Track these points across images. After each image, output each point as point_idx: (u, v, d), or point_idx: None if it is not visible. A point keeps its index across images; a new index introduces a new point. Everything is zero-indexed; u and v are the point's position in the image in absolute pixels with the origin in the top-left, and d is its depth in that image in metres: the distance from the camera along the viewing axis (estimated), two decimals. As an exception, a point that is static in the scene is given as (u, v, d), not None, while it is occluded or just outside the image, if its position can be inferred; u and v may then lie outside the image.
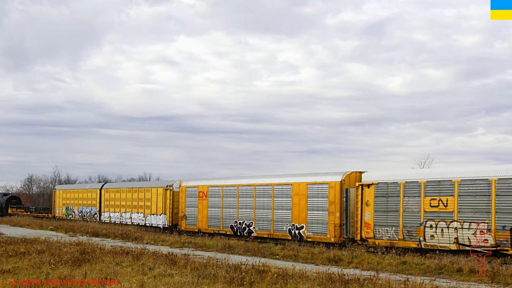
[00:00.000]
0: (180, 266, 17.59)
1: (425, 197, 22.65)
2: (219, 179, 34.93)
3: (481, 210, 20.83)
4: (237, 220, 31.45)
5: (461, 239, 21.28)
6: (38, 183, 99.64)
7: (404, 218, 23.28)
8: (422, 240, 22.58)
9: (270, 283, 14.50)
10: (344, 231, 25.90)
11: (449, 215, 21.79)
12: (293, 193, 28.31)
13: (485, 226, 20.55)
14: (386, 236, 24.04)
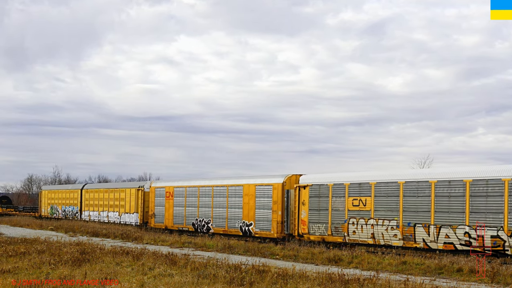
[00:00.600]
0: (180, 266, 17.59)
1: (348, 198, 25.49)
2: (183, 180, 37.65)
3: (392, 209, 23.77)
4: (198, 218, 34.20)
5: (376, 234, 24.20)
6: (38, 183, 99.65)
7: (332, 216, 26.17)
8: (346, 235, 25.45)
9: (270, 283, 14.50)
10: (285, 227, 28.77)
11: (367, 213, 24.67)
12: (244, 193, 31.04)
13: (394, 223, 23.52)
14: (318, 232, 26.78)
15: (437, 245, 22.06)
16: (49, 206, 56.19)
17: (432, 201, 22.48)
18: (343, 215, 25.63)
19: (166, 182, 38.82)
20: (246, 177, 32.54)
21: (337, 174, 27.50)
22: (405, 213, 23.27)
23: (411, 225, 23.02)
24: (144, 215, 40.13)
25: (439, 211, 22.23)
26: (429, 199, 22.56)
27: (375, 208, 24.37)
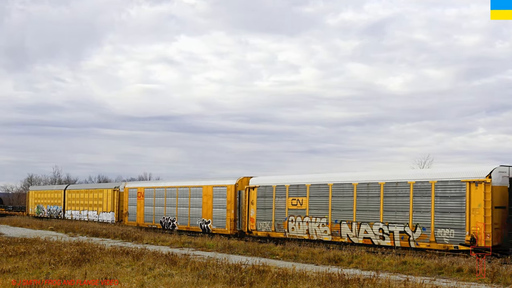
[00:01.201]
0: (180, 266, 17.59)
1: (288, 198, 28.37)
2: (153, 182, 41.35)
3: (323, 208, 26.64)
4: (165, 216, 37.14)
5: (310, 230, 27.11)
6: (38, 183, 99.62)
7: (276, 214, 29.04)
8: (287, 232, 28.25)
9: (270, 283, 14.50)
10: (238, 224, 31.52)
11: (303, 212, 27.56)
12: (203, 194, 33.94)
13: (325, 220, 26.40)
14: (264, 228, 29.61)
15: (358, 240, 24.99)
16: (36, 205, 58.81)
17: (354, 201, 25.33)
18: (284, 213, 28.57)
19: (137, 183, 42.87)
20: (205, 179, 35.89)
21: (280, 177, 30.44)
22: (333, 211, 26.23)
23: (338, 222, 25.96)
24: (119, 213, 42.97)
25: (360, 210, 25.05)
26: (352, 200, 25.42)
27: (309, 207, 27.29)
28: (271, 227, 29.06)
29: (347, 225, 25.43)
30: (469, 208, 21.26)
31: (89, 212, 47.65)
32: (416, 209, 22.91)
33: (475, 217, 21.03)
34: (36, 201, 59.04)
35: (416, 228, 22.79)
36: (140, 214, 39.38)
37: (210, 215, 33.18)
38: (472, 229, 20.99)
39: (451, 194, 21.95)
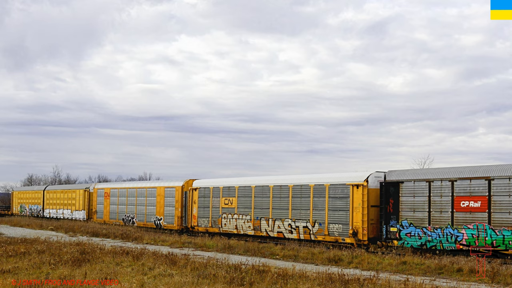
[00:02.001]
0: (180, 266, 17.59)
1: (222, 198, 32.78)
2: (118, 183, 47.59)
3: (248, 206, 30.92)
4: (126, 214, 41.94)
5: (238, 226, 31.40)
6: (38, 183, 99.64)
7: (212, 212, 33.45)
8: (221, 227, 32.66)
9: (270, 283, 14.50)
10: (184, 221, 36.28)
11: (233, 210, 31.92)
12: (157, 194, 38.72)
13: (249, 217, 30.65)
14: (203, 224, 34.13)
15: (273, 234, 29.26)
16: (19, 205, 62.88)
17: (270, 201, 29.72)
18: (219, 211, 32.98)
19: (104, 185, 47.62)
20: (159, 181, 41.14)
21: (217, 180, 35.03)
22: (255, 210, 30.56)
23: (258, 218, 30.26)
24: (89, 212, 47.84)
25: (275, 209, 29.45)
26: (269, 200, 29.79)
27: (238, 206, 31.61)
28: (209, 223, 33.65)
29: (265, 221, 29.90)
30: (352, 207, 25.40)
31: (64, 211, 51.97)
32: (315, 207, 27.20)
33: (356, 214, 25.21)
34: (19, 201, 62.95)
35: (315, 224, 27.18)
36: (106, 212, 44.26)
37: (162, 213, 37.91)
38: (354, 224, 25.24)
39: (339, 195, 26.15)
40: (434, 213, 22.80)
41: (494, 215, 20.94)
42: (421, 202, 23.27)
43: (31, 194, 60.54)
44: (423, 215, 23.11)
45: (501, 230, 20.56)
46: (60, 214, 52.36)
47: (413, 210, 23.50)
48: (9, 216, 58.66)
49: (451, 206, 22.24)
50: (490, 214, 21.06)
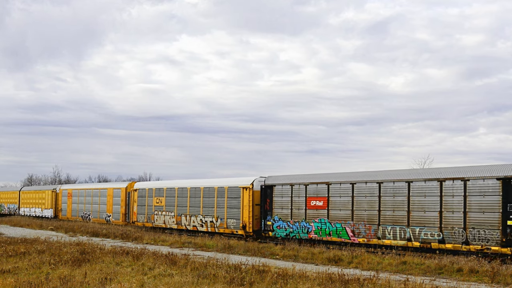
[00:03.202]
0: (180, 266, 17.59)
1: (154, 197, 38.73)
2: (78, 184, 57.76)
3: (173, 205, 36.94)
4: (84, 211, 48.77)
5: (166, 221, 37.17)
6: (38, 183, 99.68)
7: (147, 209, 39.31)
8: (154, 222, 38.44)
9: (270, 283, 14.50)
10: (127, 217, 42.37)
11: (162, 207, 37.96)
12: (107, 194, 45.14)
13: (173, 213, 36.63)
14: (141, 220, 39.85)
15: (190, 227, 35.09)
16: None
17: (188, 200, 35.43)
18: (152, 209, 38.83)
19: (67, 186, 55.42)
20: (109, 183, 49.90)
21: (150, 182, 42.77)
22: (178, 207, 36.35)
23: (180, 215, 36.11)
24: (56, 210, 54.31)
25: (191, 206, 35.13)
26: (187, 199, 35.50)
27: (165, 205, 37.50)
28: (145, 219, 39.53)
29: (184, 217, 35.70)
30: (242, 205, 31.12)
31: (36, 209, 57.79)
32: (218, 206, 32.92)
33: (245, 211, 30.90)
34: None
35: (218, 219, 32.84)
36: (69, 210, 51.24)
37: (111, 210, 44.22)
38: (243, 219, 30.98)
39: (234, 196, 31.87)
40: (294, 210, 28.59)
41: (331, 212, 26.82)
42: (286, 201, 29.02)
43: (9, 194, 66.63)
44: (287, 212, 28.93)
45: (335, 223, 26.45)
46: (32, 212, 58.24)
47: (281, 207, 29.27)
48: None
49: (305, 204, 28.02)
50: (329, 211, 26.87)
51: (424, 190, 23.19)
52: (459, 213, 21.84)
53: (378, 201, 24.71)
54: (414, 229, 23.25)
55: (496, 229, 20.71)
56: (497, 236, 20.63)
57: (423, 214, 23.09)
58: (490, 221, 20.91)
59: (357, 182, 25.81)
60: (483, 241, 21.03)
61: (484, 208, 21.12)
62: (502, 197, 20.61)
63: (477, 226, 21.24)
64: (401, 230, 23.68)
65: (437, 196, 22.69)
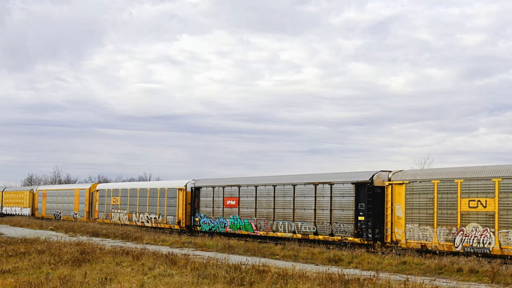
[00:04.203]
0: (180, 266, 17.58)
1: (112, 197, 44.08)
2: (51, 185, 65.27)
3: (126, 204, 42.24)
4: (56, 210, 54.34)
5: (120, 218, 42.49)
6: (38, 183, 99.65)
7: (106, 208, 44.73)
8: (111, 219, 43.49)
9: (270, 283, 14.50)
10: (90, 215, 47.79)
11: (117, 206, 43.31)
12: (75, 194, 51.16)
13: (126, 211, 41.86)
14: (101, 217, 45.03)
15: (138, 223, 40.42)
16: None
17: (137, 200, 41.19)
18: (110, 207, 44.17)
19: (42, 187, 61.74)
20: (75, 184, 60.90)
21: (109, 184, 49.19)
22: (130, 206, 41.93)
23: (131, 212, 41.47)
24: (33, 208, 59.82)
25: (140, 205, 40.79)
26: (136, 199, 41.29)
27: (120, 203, 42.95)
28: (104, 216, 44.71)
29: (135, 214, 41.11)
30: (178, 204, 36.58)
31: (16, 208, 63.45)
32: (160, 204, 38.44)
33: (180, 209, 36.40)
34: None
35: (160, 216, 38.20)
36: (44, 209, 56.92)
37: (78, 209, 50.10)
38: (179, 216, 36.43)
39: (172, 196, 37.30)
40: (215, 208, 33.69)
41: (241, 210, 31.71)
42: (210, 201, 34.31)
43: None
44: (210, 210, 34.20)
45: (244, 219, 31.20)
46: (13, 211, 64.34)
47: (206, 206, 34.57)
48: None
49: (223, 203, 33.11)
50: (239, 209, 31.81)
51: (304, 192, 28.12)
52: (327, 210, 26.84)
53: (273, 201, 29.78)
54: (298, 224, 28.22)
55: (351, 223, 25.57)
56: (351, 228, 25.45)
57: (303, 211, 28.02)
58: (347, 217, 25.81)
59: (258, 185, 30.70)
60: (343, 233, 25.89)
61: (343, 207, 26.07)
62: (355, 198, 25.49)
63: (339, 221, 26.20)
64: (289, 224, 28.75)
65: (312, 197, 27.58)
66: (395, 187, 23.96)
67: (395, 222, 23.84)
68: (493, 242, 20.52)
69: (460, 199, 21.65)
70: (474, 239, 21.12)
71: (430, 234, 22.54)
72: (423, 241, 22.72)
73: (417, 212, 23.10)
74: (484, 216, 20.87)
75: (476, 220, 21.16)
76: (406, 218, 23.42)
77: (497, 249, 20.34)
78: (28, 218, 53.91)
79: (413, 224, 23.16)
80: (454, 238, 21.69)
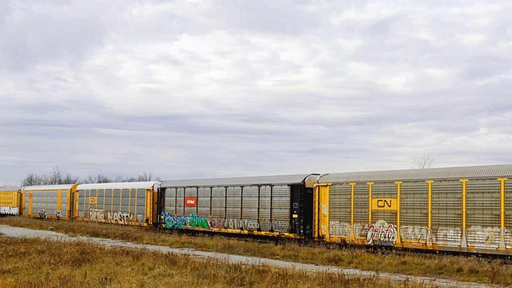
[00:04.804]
0: (180, 266, 17.59)
1: (90, 197, 47.80)
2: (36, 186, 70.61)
3: (102, 203, 45.96)
4: (41, 209, 57.40)
5: (97, 216, 45.93)
6: (38, 183, 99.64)
7: (85, 207, 48.35)
8: (89, 217, 47.03)
9: (270, 283, 14.50)
10: (71, 213, 51.25)
11: (95, 205, 47.02)
12: (57, 195, 54.36)
13: (102, 210, 45.71)
14: (81, 215, 48.62)
15: (113, 221, 43.61)
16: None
17: (112, 199, 44.35)
18: (88, 206, 47.87)
19: (29, 187, 64.90)
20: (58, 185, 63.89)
21: (87, 185, 55.16)
22: (105, 205, 45.40)
23: (107, 211, 45.12)
24: (20, 208, 63.45)
25: (114, 204, 44.12)
26: (111, 198, 44.45)
27: (97, 203, 46.52)
28: (83, 215, 48.24)
29: (109, 213, 44.56)
30: (146, 203, 40.17)
31: (5, 207, 67.04)
32: (131, 204, 41.89)
33: (148, 208, 39.94)
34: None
35: (131, 214, 41.59)
36: (30, 208, 60.15)
37: (60, 208, 53.49)
38: (147, 214, 39.88)
39: (141, 196, 40.71)
40: (177, 207, 36.65)
41: (199, 208, 34.78)
42: (173, 200, 37.20)
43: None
44: (173, 208, 37.08)
45: (201, 217, 34.55)
46: (2, 210, 67.59)
47: (170, 205, 37.47)
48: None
49: (183, 203, 36.06)
50: (197, 208, 34.79)
51: (250, 192, 31.19)
52: (268, 209, 29.89)
53: (225, 201, 32.86)
54: (245, 221, 31.24)
55: (287, 220, 28.63)
56: (287, 225, 28.49)
57: (249, 210, 31.07)
58: (284, 215, 28.88)
59: (213, 186, 33.84)
60: (280, 229, 28.91)
61: (281, 206, 29.11)
62: (290, 198, 28.50)
63: (277, 218, 29.21)
64: (237, 221, 31.74)
65: (256, 197, 30.67)
66: (321, 189, 27.11)
67: (321, 219, 27.07)
68: (395, 237, 23.78)
69: (371, 199, 24.89)
70: (381, 234, 24.28)
71: (348, 229, 25.77)
72: (342, 236, 25.98)
73: (338, 211, 26.34)
74: (389, 214, 24.20)
75: (383, 217, 24.36)
76: (330, 216, 26.68)
77: (399, 243, 23.60)
78: (29, 218, 54.07)
79: (335, 221, 26.45)
80: (366, 233, 24.95)
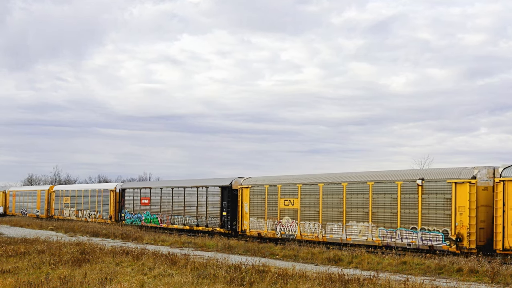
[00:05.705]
0: (180, 266, 17.59)
1: (64, 197, 52.99)
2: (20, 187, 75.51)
3: (75, 203, 51.28)
4: (22, 208, 62.07)
5: (70, 215, 51.95)
6: (38, 183, 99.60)
7: (60, 206, 53.46)
8: (63, 215, 52.09)
9: (270, 283, 14.50)
10: (49, 212, 55.60)
11: (68, 205, 52.27)
12: (37, 195, 59.01)
13: (74, 209, 50.72)
14: (57, 214, 53.49)
15: (83, 218, 48.78)
16: None
17: (82, 199, 49.70)
18: (63, 205, 53.09)
19: (12, 188, 70.09)
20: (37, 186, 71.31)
21: (62, 186, 61.68)
22: (77, 204, 50.70)
23: (78, 209, 50.31)
24: (5, 207, 67.98)
25: (84, 203, 49.35)
26: (81, 198, 49.85)
27: (70, 202, 51.86)
28: (59, 213, 53.48)
29: (80, 211, 49.90)
30: (110, 202, 45.40)
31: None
32: (98, 203, 46.93)
33: (111, 207, 45.24)
34: None
35: (98, 212, 46.62)
36: (14, 207, 64.85)
37: (39, 207, 58.09)
38: (110, 212, 45.05)
39: (105, 196, 46.19)
40: (134, 206, 41.75)
41: (151, 207, 39.86)
42: (131, 200, 42.10)
43: None
44: (131, 207, 42.00)
45: (153, 214, 39.35)
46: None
47: (129, 204, 42.34)
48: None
49: (139, 202, 41.20)
50: (150, 206, 40.01)
51: (190, 193, 36.03)
52: (204, 208, 34.63)
53: (172, 200, 37.74)
54: (186, 218, 36.21)
55: (218, 217, 33.52)
56: (218, 221, 33.38)
57: (190, 208, 35.98)
58: (216, 213, 33.75)
59: (163, 187, 39.04)
60: (213, 225, 33.79)
61: (214, 205, 33.98)
62: (221, 198, 33.42)
63: (211, 215, 34.05)
64: (181, 218, 36.66)
65: (195, 197, 35.52)
66: (244, 190, 31.81)
67: (244, 216, 31.64)
68: (297, 230, 28.19)
69: (280, 199, 29.43)
70: (287, 228, 28.79)
71: (263, 225, 30.35)
72: (259, 230, 30.54)
73: (256, 209, 30.89)
74: (293, 212, 28.59)
75: (288, 214, 28.84)
76: (250, 213, 31.23)
77: (299, 235, 27.95)
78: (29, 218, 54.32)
79: (254, 217, 30.97)
80: (276, 227, 29.51)
